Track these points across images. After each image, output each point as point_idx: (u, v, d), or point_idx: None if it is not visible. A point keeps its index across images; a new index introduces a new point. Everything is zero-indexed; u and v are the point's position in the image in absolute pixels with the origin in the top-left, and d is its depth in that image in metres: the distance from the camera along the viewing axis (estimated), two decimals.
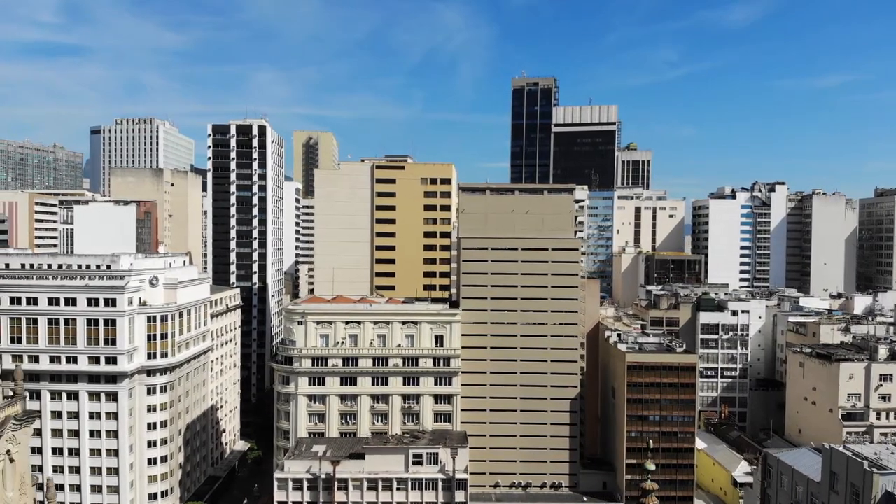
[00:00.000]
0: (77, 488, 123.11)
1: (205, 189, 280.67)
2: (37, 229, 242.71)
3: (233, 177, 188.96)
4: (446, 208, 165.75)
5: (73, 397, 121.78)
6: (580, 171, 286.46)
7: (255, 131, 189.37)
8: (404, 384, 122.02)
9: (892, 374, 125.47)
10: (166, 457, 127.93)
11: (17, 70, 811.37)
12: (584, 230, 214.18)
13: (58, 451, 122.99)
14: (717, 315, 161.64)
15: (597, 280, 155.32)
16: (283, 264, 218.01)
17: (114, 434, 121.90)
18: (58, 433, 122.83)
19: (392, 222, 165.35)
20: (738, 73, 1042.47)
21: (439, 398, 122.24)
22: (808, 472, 75.27)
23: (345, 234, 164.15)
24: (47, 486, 43.02)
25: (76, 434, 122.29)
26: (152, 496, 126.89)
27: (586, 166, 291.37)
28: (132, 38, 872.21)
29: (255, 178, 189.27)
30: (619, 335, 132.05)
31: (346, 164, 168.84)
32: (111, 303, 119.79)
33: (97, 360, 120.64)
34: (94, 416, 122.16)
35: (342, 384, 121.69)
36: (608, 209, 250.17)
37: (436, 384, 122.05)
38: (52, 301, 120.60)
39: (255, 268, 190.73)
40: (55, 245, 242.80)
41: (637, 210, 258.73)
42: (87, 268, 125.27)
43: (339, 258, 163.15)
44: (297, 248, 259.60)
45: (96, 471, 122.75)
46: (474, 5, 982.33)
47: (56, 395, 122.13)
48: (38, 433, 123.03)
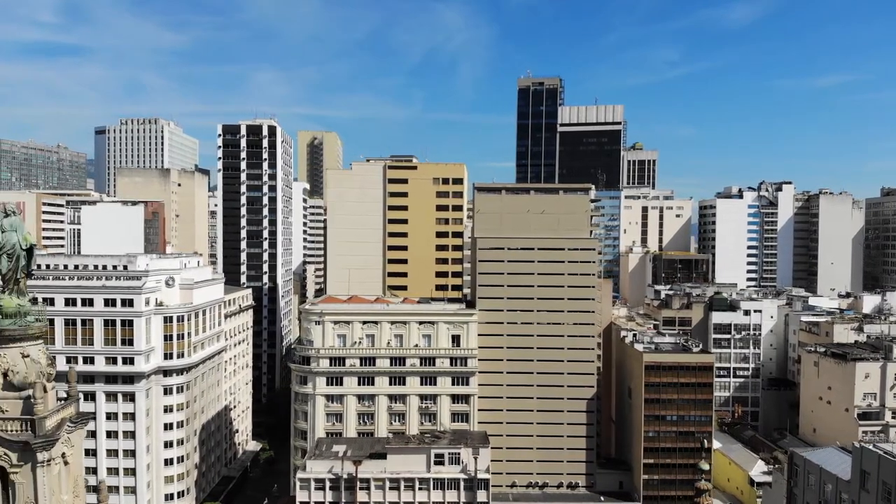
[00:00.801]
0: (94, 489, 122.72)
1: (210, 189, 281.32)
2: (44, 230, 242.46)
3: (243, 177, 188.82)
4: (458, 208, 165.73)
5: (90, 398, 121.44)
6: (586, 170, 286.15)
7: (265, 131, 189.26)
8: (422, 384, 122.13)
9: None
10: (182, 457, 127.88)
11: (16, 70, 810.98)
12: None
13: None
14: (730, 315, 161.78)
15: (609, 280, 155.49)
16: (292, 264, 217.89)
17: (131, 435, 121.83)
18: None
19: (404, 222, 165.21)
20: (738, 72, 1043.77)
21: (456, 398, 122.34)
22: (836, 470, 75.35)
23: (357, 235, 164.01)
24: (100, 489, 42.83)
25: (93, 435, 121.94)
26: (169, 496, 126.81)
27: (592, 166, 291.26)
28: (132, 38, 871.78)
29: (265, 178, 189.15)
30: (634, 335, 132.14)
31: (358, 164, 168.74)
32: (128, 303, 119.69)
33: (114, 361, 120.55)
34: (110, 416, 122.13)
35: (360, 384, 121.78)
36: (615, 209, 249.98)
37: (453, 384, 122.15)
38: (69, 301, 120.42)
39: (265, 268, 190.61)
40: (62, 245, 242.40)
41: (644, 210, 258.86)
42: (104, 268, 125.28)
43: (351, 258, 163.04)
44: (305, 248, 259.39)
45: (113, 472, 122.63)
46: (474, 5, 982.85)
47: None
48: None
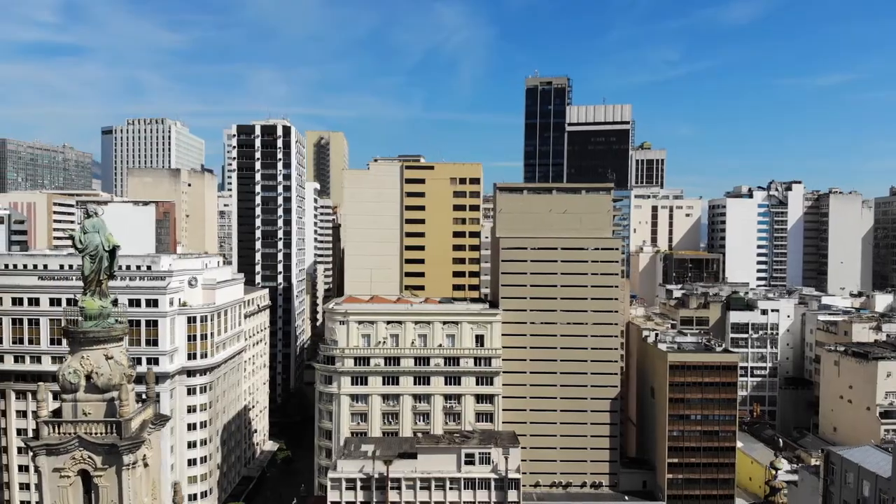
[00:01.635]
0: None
1: (220, 189, 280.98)
2: (54, 230, 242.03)
3: (258, 177, 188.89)
4: (475, 208, 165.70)
5: None
6: (594, 170, 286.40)
7: (279, 131, 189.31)
8: (446, 384, 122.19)
9: None
10: (206, 457, 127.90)
11: (15, 69, 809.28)
12: None
13: None
14: (747, 314, 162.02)
15: (628, 280, 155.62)
16: (304, 264, 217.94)
17: None
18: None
19: (421, 222, 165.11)
20: (737, 71, 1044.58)
21: (481, 398, 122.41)
22: (875, 468, 75.58)
23: (374, 234, 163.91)
24: (176, 490, 42.91)
25: None
26: (192, 497, 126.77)
27: (600, 165, 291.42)
28: (131, 38, 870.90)
29: (280, 178, 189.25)
30: (656, 335, 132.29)
31: (375, 164, 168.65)
32: (153, 303, 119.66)
33: (139, 361, 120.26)
34: None
35: (384, 384, 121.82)
36: (625, 208, 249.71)
37: (477, 384, 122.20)
38: None
39: (280, 268, 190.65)
40: (72, 245, 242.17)
41: (654, 209, 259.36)
42: (127, 268, 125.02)
43: (367, 258, 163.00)
44: (315, 247, 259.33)
45: None
46: (473, 4, 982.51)
47: None
48: None
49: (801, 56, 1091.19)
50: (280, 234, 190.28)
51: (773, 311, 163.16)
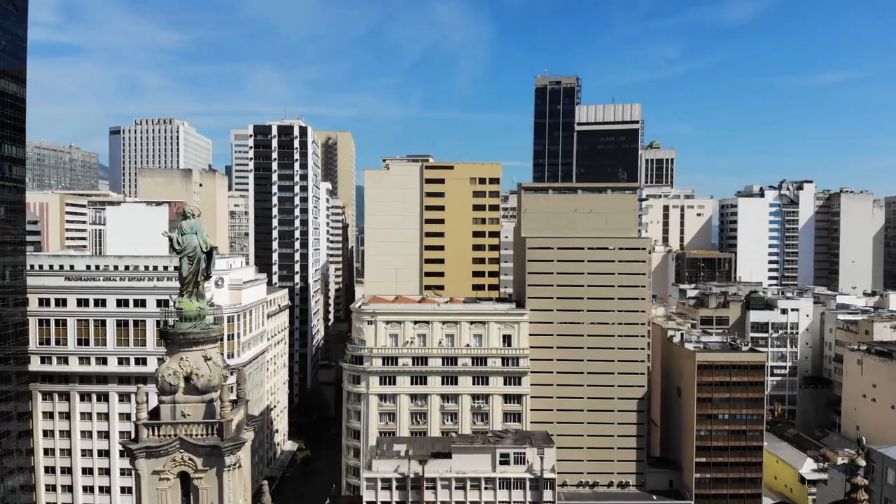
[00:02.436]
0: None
1: (229, 188, 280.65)
2: (67, 230, 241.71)
3: (274, 177, 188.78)
4: (494, 208, 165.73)
5: None
6: (603, 169, 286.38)
7: (296, 132, 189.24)
8: (474, 384, 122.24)
9: None
10: None
11: None
12: None
13: (126, 454, 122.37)
14: (767, 313, 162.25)
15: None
16: (319, 264, 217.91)
17: None
18: (126, 435, 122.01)
19: (441, 222, 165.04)
20: (738, 70, 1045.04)
21: (508, 398, 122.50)
22: None
23: (394, 234, 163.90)
24: (262, 492, 42.92)
25: None
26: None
27: (610, 165, 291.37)
28: (129, 37, 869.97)
29: (296, 178, 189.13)
30: (682, 334, 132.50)
31: (395, 164, 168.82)
32: None
33: None
34: None
35: (412, 383, 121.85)
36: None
37: (505, 384, 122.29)
38: (121, 303, 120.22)
39: (296, 268, 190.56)
40: (84, 246, 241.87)
41: (665, 209, 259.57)
42: (155, 269, 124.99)
43: (388, 258, 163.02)
44: (328, 247, 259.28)
45: None
46: (473, 3, 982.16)
47: (124, 397, 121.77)
48: (105, 436, 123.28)
49: (800, 55, 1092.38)
50: (297, 234, 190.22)
51: (792, 310, 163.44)
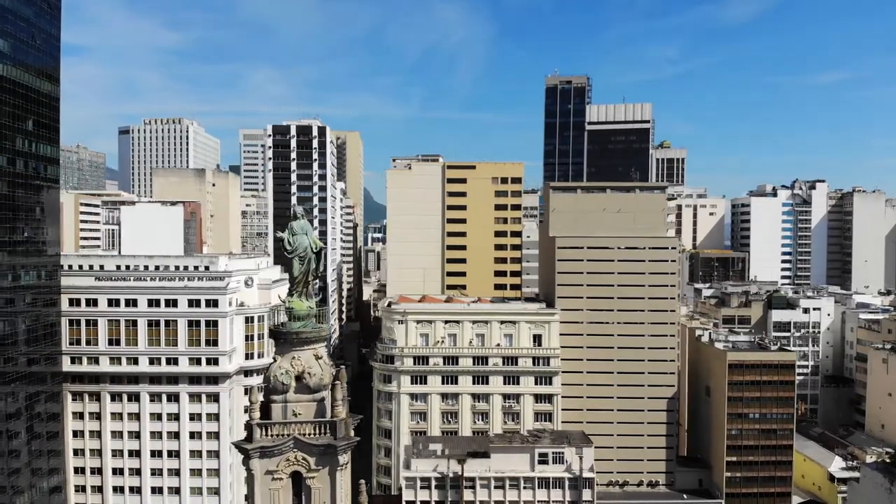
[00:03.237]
0: (176, 490, 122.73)
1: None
2: (81, 230, 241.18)
3: (293, 177, 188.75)
4: (517, 207, 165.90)
5: (174, 399, 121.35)
6: (614, 169, 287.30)
7: (314, 132, 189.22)
8: (505, 383, 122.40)
9: None
10: None
11: None
12: None
13: (156, 454, 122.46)
14: (790, 312, 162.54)
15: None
16: (335, 264, 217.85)
17: (215, 435, 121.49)
18: (157, 435, 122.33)
19: (463, 222, 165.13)
20: (738, 69, 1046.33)
21: (539, 397, 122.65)
22: None
23: (416, 234, 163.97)
24: (360, 491, 42.95)
25: (176, 436, 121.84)
26: (247, 497, 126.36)
27: (621, 164, 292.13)
28: (128, 37, 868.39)
29: (315, 178, 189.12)
30: (709, 334, 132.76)
31: (418, 164, 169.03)
32: (213, 304, 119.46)
33: (198, 362, 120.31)
34: (193, 417, 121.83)
35: (443, 383, 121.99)
36: None
37: (536, 383, 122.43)
38: (153, 303, 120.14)
39: None
40: (98, 246, 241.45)
41: (678, 208, 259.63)
42: (185, 269, 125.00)
43: (409, 258, 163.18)
44: (341, 247, 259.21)
45: (196, 473, 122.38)
46: (473, 2, 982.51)
47: (155, 397, 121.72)
48: (136, 436, 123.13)
49: (800, 54, 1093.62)
50: (315, 233, 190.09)
51: (814, 309, 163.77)
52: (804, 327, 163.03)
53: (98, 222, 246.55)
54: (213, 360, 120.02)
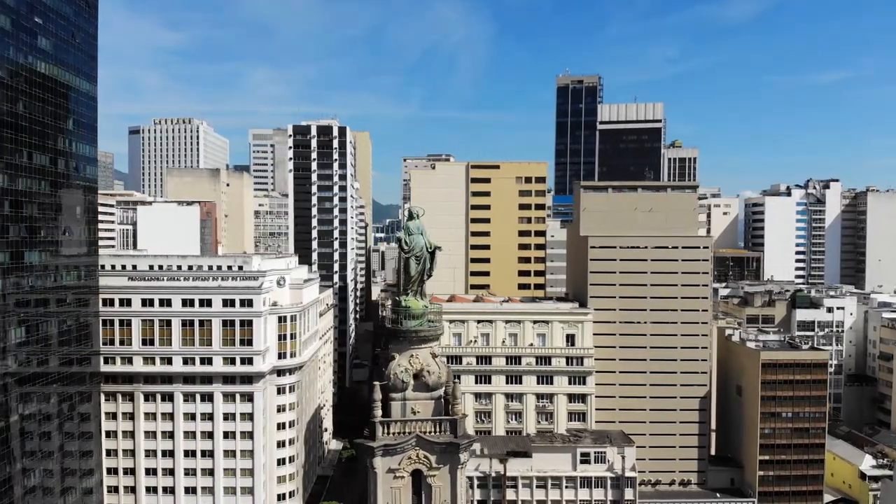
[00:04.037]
0: (210, 490, 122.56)
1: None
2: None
3: (314, 177, 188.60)
4: (541, 207, 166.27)
5: (207, 399, 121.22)
6: (626, 168, 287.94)
7: (335, 132, 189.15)
8: (538, 383, 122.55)
9: None
10: (293, 457, 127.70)
11: None
12: None
13: (190, 454, 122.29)
14: (813, 312, 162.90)
15: None
16: (353, 263, 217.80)
17: (248, 435, 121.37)
18: (190, 435, 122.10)
19: (487, 221, 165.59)
20: (737, 69, 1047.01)
21: (573, 397, 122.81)
22: None
23: (440, 234, 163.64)
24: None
25: (209, 436, 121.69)
26: (280, 497, 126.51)
27: (632, 164, 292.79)
28: (127, 36, 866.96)
29: (335, 178, 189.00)
30: (739, 334, 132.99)
31: (441, 164, 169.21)
32: (248, 304, 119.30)
33: (232, 361, 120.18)
34: (227, 417, 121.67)
35: (476, 382, 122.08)
36: None
37: (569, 383, 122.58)
38: (187, 302, 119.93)
39: (336, 267, 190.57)
40: (113, 246, 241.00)
41: None
42: (218, 268, 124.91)
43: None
44: (357, 247, 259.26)
45: (230, 473, 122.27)
46: (473, 1, 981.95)
47: (189, 397, 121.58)
48: (169, 436, 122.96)
49: (800, 53, 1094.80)
50: (336, 233, 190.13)
51: (838, 308, 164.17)
52: (828, 326, 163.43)
53: (112, 222, 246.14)
54: (247, 360, 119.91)
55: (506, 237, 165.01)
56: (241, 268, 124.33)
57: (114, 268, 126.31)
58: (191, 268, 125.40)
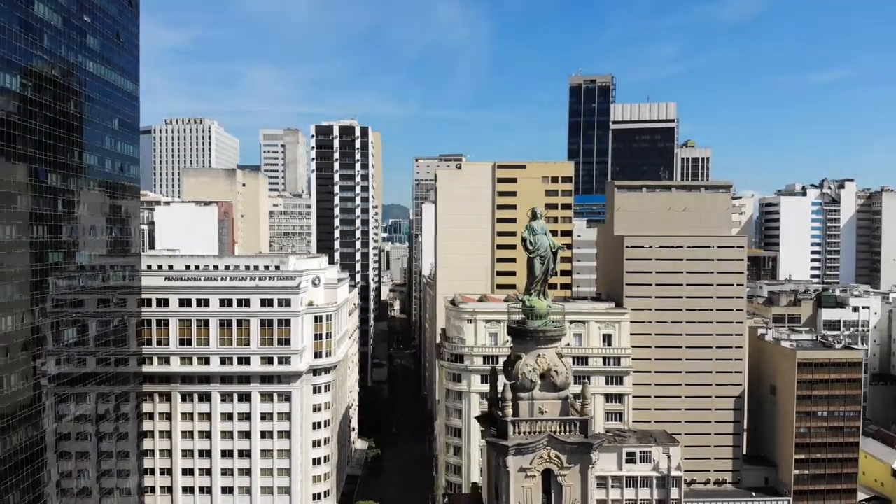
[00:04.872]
0: (247, 490, 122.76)
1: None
2: None
3: (336, 177, 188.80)
4: (567, 206, 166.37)
5: (244, 398, 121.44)
6: (639, 168, 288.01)
7: (357, 132, 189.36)
8: (574, 383, 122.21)
9: None
10: (328, 456, 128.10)
11: None
12: None
13: (227, 454, 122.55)
14: (839, 311, 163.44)
15: None
16: (374, 263, 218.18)
17: (286, 434, 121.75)
18: (227, 435, 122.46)
19: (513, 221, 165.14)
20: (737, 68, 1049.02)
21: (609, 397, 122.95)
22: None
23: (466, 234, 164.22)
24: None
25: (247, 435, 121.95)
26: (316, 496, 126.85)
27: (646, 163, 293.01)
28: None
29: (357, 178, 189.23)
30: (772, 333, 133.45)
31: (468, 164, 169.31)
32: (286, 303, 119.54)
33: (270, 361, 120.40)
34: (264, 416, 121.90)
35: None
36: None
37: (606, 383, 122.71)
38: (224, 302, 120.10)
39: (358, 267, 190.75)
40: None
41: None
42: (255, 268, 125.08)
43: (459, 257, 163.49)
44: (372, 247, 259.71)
45: (267, 472, 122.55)
46: (473, 1, 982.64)
47: (226, 397, 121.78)
48: (207, 436, 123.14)
49: (799, 53, 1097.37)
50: (358, 233, 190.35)
51: (863, 308, 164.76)
52: (854, 325, 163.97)
53: None
54: (284, 360, 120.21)
55: None
56: (278, 268, 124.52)
57: (149, 268, 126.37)
58: (227, 268, 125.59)
